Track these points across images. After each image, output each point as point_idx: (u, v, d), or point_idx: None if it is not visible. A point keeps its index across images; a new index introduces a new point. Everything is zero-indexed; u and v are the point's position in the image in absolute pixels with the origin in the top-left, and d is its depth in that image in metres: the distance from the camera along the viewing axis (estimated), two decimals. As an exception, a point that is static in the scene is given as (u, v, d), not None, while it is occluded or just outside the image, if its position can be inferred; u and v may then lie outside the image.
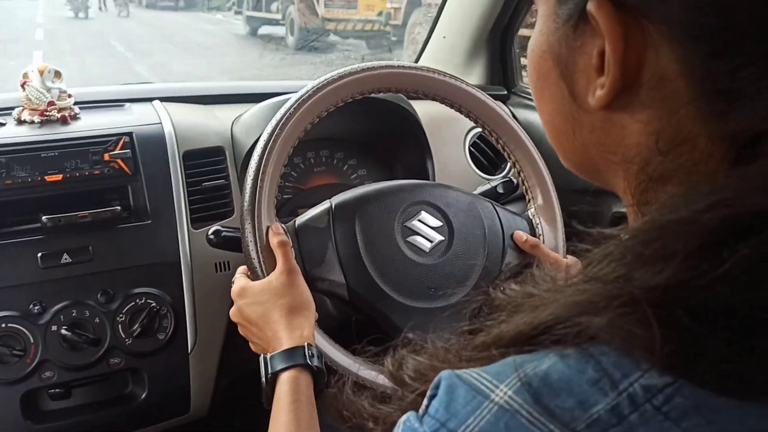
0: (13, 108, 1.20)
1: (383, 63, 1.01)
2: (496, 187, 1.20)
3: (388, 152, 1.44)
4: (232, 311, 0.90)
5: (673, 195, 0.37)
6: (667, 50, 0.37)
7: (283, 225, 0.93)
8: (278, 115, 0.94)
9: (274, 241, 0.89)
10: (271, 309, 0.85)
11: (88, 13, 14.79)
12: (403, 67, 1.01)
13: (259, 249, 0.89)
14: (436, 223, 1.02)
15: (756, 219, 0.33)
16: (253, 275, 0.90)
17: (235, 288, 0.90)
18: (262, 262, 0.89)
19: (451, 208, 1.03)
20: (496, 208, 1.06)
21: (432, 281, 0.98)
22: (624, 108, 0.41)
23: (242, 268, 0.94)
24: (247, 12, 12.44)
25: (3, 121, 1.17)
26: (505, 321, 0.42)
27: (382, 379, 0.81)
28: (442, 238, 1.01)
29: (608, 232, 0.39)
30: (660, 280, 0.33)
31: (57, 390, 1.11)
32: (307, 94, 0.95)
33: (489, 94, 1.08)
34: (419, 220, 1.01)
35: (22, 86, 1.18)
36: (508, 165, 1.43)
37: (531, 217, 1.08)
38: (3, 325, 1.05)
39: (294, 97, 0.95)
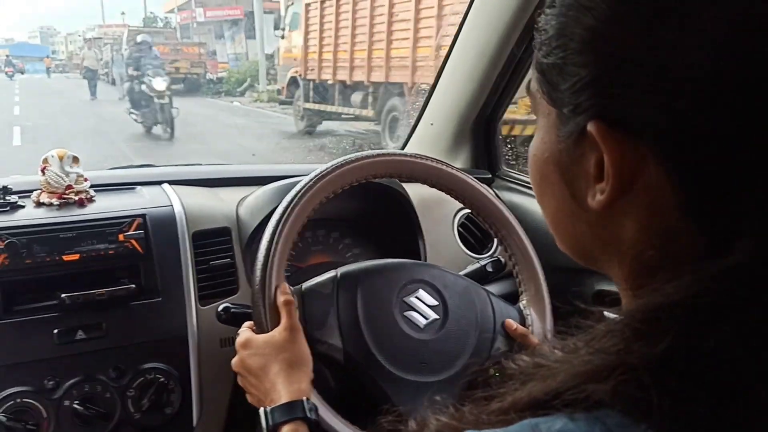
0: (31, 191, 1.27)
1: (388, 151, 1.11)
2: (485, 266, 1.28)
3: (381, 232, 1.52)
4: (234, 360, 0.96)
5: (664, 281, 0.43)
6: (654, 162, 0.45)
7: (290, 287, 1.00)
8: (299, 186, 1.03)
9: (280, 299, 0.96)
10: (272, 362, 0.91)
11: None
12: (406, 155, 1.11)
13: (266, 305, 0.96)
14: (433, 302, 1.09)
15: (733, 302, 0.40)
16: (258, 329, 0.97)
17: (239, 339, 0.97)
18: (267, 318, 0.96)
19: (447, 289, 1.11)
20: (490, 296, 1.13)
21: (424, 356, 1.05)
22: (621, 209, 0.47)
23: (248, 323, 1.01)
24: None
25: (22, 204, 1.23)
26: (518, 389, 0.49)
27: None
28: (437, 317, 1.08)
29: (608, 313, 0.47)
30: (656, 353, 0.40)
31: (66, 465, 1.13)
32: (326, 171, 1.05)
33: (475, 177, 1.18)
34: (417, 297, 1.09)
35: (42, 171, 1.25)
36: (495, 243, 1.52)
37: (522, 308, 1.15)
38: (17, 401, 1.09)
39: (315, 171, 1.05)
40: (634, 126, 0.44)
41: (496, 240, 1.18)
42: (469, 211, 1.21)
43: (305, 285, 1.05)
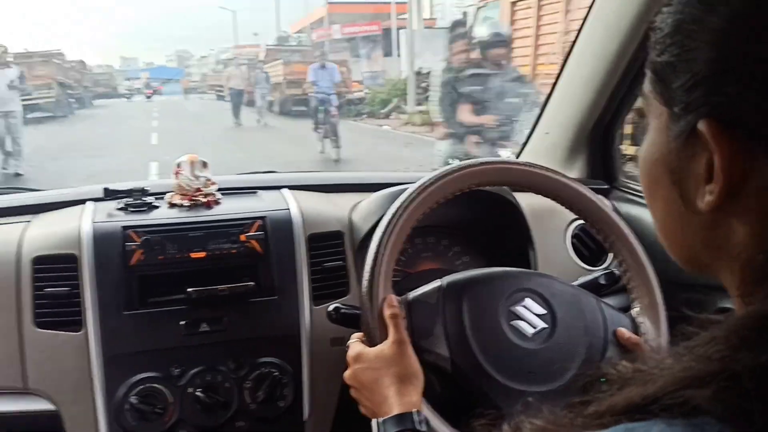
0: (165, 193, 1.38)
1: (496, 159, 1.11)
2: (598, 278, 1.25)
3: (491, 240, 1.52)
4: (347, 374, 0.99)
5: None
6: (767, 164, 0.43)
7: (397, 298, 1.02)
8: (404, 196, 1.05)
9: (387, 312, 0.98)
10: (384, 375, 0.93)
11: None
12: (514, 163, 1.11)
13: (374, 317, 0.99)
14: (540, 310, 1.08)
15: None
16: (369, 341, 1.00)
17: (350, 353, 0.99)
18: (377, 330, 0.99)
19: (555, 298, 1.09)
20: (600, 303, 1.10)
21: (533, 366, 1.03)
22: (731, 211, 0.46)
23: (357, 335, 1.03)
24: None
25: (157, 204, 1.35)
26: (615, 393, 0.49)
27: None
28: (545, 326, 1.06)
29: (714, 318, 0.46)
30: (762, 361, 0.39)
31: (189, 449, 1.22)
32: (429, 182, 1.06)
33: (591, 188, 1.16)
34: (524, 306, 1.08)
35: (176, 174, 1.36)
36: (610, 256, 1.48)
37: (635, 316, 1.11)
38: (148, 385, 1.18)
39: (419, 182, 1.06)
40: (748, 126, 0.44)
41: (610, 253, 1.15)
42: (583, 222, 1.18)
43: (411, 295, 1.07)
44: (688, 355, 0.44)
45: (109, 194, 1.34)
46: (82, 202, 1.35)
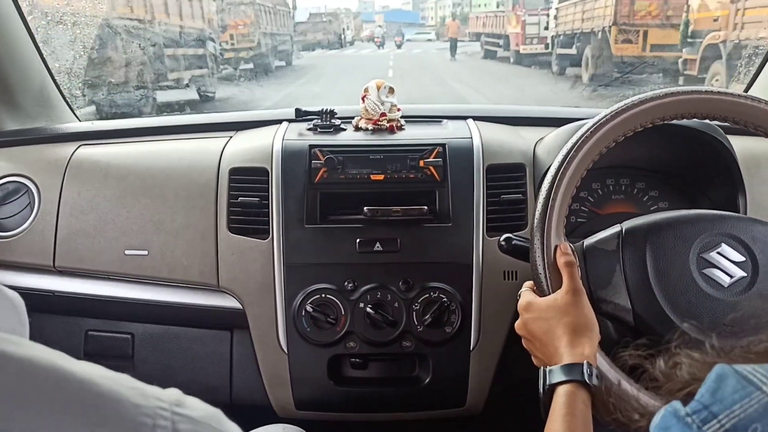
0: (353, 117, 1.42)
1: (687, 88, 0.99)
2: None
3: (693, 186, 1.37)
4: (518, 324, 0.95)
5: None
6: None
7: (571, 245, 0.95)
8: (575, 138, 0.97)
9: (561, 260, 0.92)
10: (555, 326, 0.88)
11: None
12: (712, 92, 0.98)
13: (546, 266, 0.93)
14: (739, 257, 0.96)
15: None
16: (539, 291, 0.94)
17: (521, 302, 0.95)
18: (548, 279, 0.93)
19: (757, 243, 0.96)
20: None
21: (728, 318, 0.93)
22: None
23: (529, 283, 0.98)
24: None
25: (344, 127, 1.39)
26: None
27: None
28: (744, 274, 0.94)
29: None
30: None
31: (357, 360, 1.28)
32: (604, 119, 0.97)
33: None
34: (718, 253, 0.96)
35: (363, 99, 1.39)
36: None
37: None
38: (323, 296, 1.25)
39: (592, 121, 0.98)
40: None
41: None
42: None
43: (587, 242, 1.00)
44: None
45: (300, 115, 1.41)
46: (279, 122, 1.43)
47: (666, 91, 0.98)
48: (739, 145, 1.30)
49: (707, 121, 1.13)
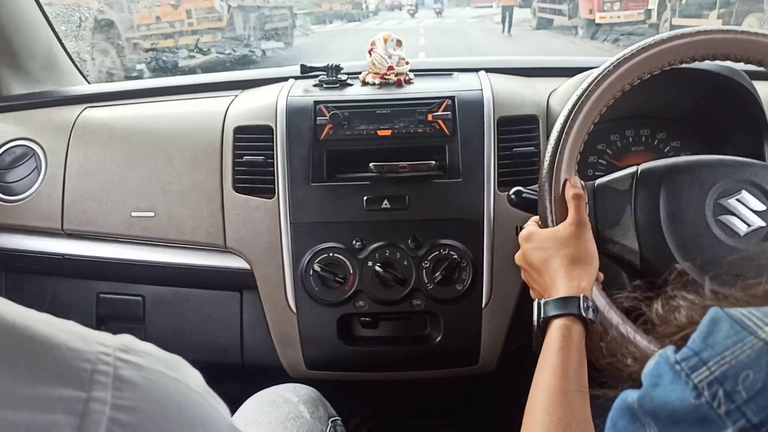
0: (360, 72, 1.38)
1: (702, 28, 0.93)
2: None
3: (716, 134, 1.31)
4: (517, 255, 0.93)
5: None
6: None
7: (581, 181, 0.92)
8: (596, 72, 0.93)
9: (569, 193, 0.89)
10: (553, 256, 0.85)
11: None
12: (725, 32, 0.92)
13: (552, 198, 0.90)
14: (759, 206, 0.91)
15: None
16: (543, 223, 0.92)
17: (523, 233, 0.93)
18: (553, 212, 0.90)
19: None
20: None
21: (742, 268, 0.88)
22: None
23: (534, 218, 0.96)
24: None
25: (351, 83, 1.36)
26: None
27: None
28: (763, 224, 0.90)
29: None
30: None
31: (367, 319, 1.26)
32: (630, 53, 0.93)
33: None
34: (738, 200, 0.92)
35: (369, 52, 1.35)
36: None
37: None
38: (330, 255, 1.22)
39: (618, 54, 0.94)
40: None
41: None
42: None
43: (599, 180, 0.96)
44: None
45: (305, 71, 1.37)
46: (285, 79, 1.40)
47: (699, 29, 0.93)
48: (764, 91, 1.23)
49: (730, 64, 1.07)
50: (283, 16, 11.21)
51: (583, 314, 0.78)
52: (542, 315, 0.81)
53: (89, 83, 1.65)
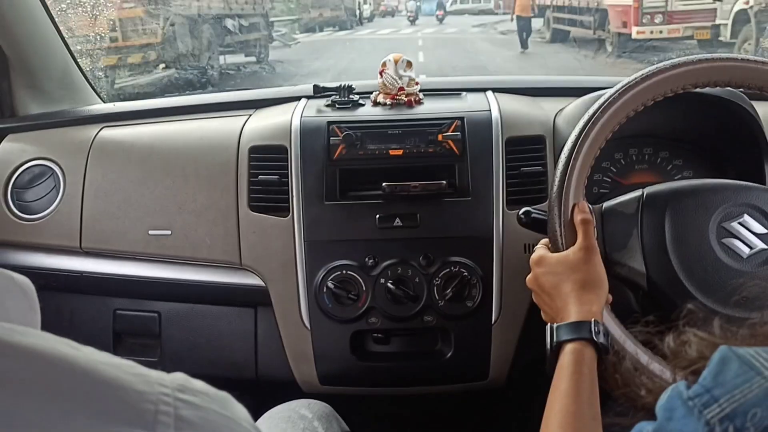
0: (371, 92, 1.42)
1: (703, 56, 0.97)
2: None
3: (719, 155, 1.35)
4: (529, 278, 0.96)
5: None
6: None
7: (589, 205, 0.95)
8: (602, 99, 0.97)
9: (578, 217, 0.92)
10: (564, 281, 0.88)
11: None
12: (726, 59, 0.96)
13: (562, 222, 0.93)
14: (761, 229, 0.94)
15: None
16: (553, 247, 0.95)
17: (534, 256, 0.95)
18: (563, 236, 0.93)
19: None
20: None
21: (745, 290, 0.91)
22: None
23: (544, 240, 0.99)
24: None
25: (362, 102, 1.39)
26: None
27: (668, 376, 0.80)
28: (765, 247, 0.93)
29: None
30: None
31: (379, 335, 1.29)
32: (634, 81, 0.96)
33: None
34: (740, 223, 0.95)
35: (380, 73, 1.38)
36: None
37: None
38: (344, 272, 1.25)
39: (622, 82, 0.97)
40: None
41: None
42: None
43: (606, 204, 0.99)
44: None
45: (318, 91, 1.41)
46: (298, 98, 1.43)
47: (700, 57, 0.96)
48: (764, 111, 1.27)
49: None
50: (254, 26, 9.89)
51: (595, 338, 0.81)
52: (555, 339, 0.83)
53: (104, 102, 1.68)
